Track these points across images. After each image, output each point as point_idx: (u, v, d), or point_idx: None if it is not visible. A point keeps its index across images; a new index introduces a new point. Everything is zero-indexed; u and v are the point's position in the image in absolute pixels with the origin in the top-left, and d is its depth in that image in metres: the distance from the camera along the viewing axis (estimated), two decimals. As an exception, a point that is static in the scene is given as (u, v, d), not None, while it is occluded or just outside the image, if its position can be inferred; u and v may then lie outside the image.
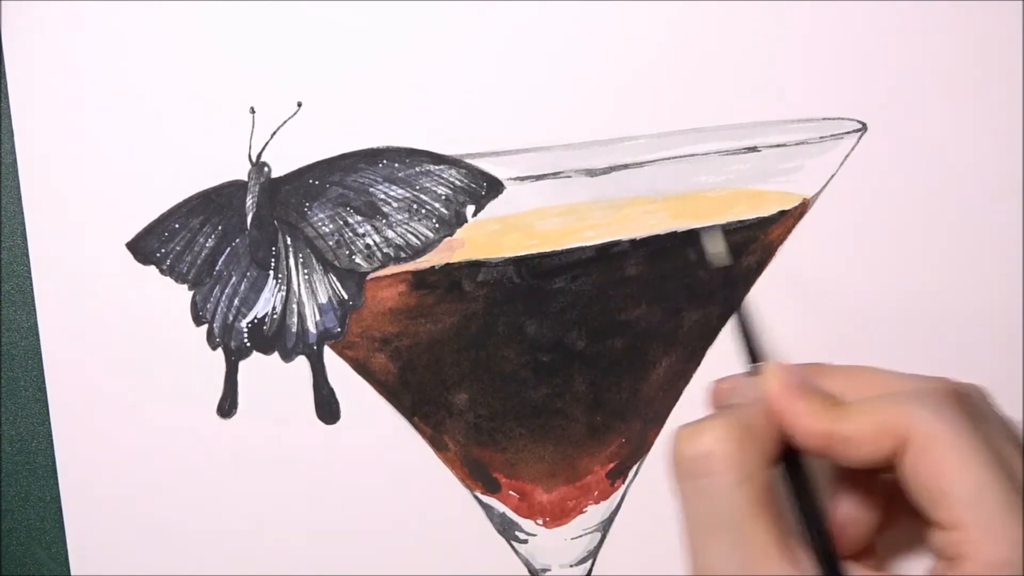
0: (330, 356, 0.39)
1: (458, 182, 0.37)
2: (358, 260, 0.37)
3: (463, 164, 0.37)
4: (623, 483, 0.40)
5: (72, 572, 0.40)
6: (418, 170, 0.37)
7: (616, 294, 0.38)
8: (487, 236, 0.37)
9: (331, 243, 0.37)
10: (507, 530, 0.40)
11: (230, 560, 0.40)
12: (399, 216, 0.37)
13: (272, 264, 0.38)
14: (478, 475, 0.40)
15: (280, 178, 0.38)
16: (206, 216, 0.38)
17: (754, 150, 0.37)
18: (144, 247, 0.39)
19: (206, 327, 0.39)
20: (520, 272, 0.37)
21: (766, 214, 0.38)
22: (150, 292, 0.39)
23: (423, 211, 0.37)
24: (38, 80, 0.38)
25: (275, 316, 0.38)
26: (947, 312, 0.41)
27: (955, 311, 0.41)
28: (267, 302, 0.38)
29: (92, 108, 0.38)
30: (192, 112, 0.38)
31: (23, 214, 0.39)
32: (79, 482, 0.40)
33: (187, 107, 0.38)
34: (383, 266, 0.37)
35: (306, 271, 0.38)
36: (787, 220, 0.39)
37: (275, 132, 0.38)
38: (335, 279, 0.38)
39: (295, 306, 0.38)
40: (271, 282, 0.38)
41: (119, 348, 0.39)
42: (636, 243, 0.37)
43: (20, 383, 0.40)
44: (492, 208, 0.37)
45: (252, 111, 0.38)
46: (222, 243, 0.38)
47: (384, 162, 0.37)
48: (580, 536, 0.40)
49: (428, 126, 0.38)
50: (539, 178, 0.37)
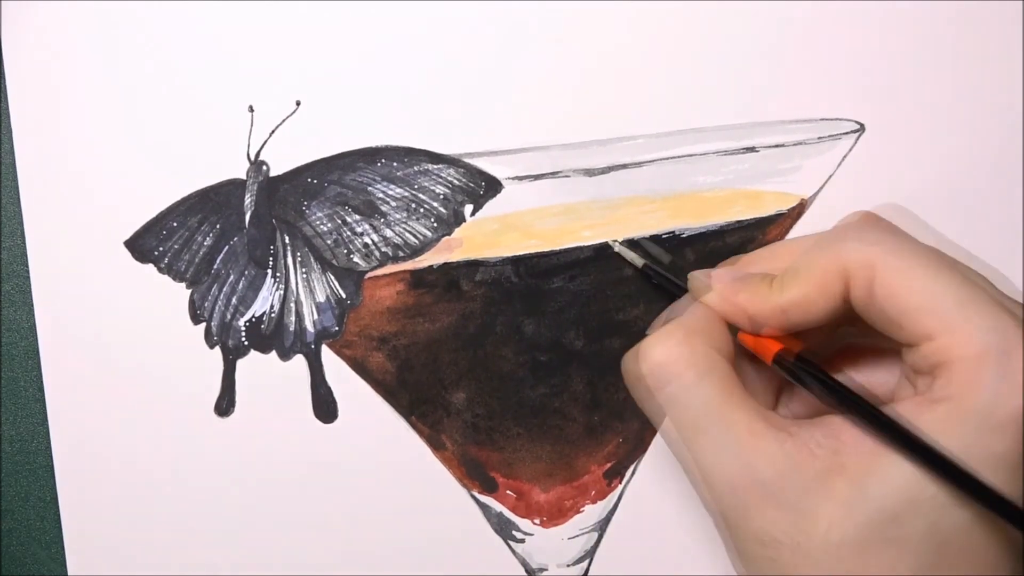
0: (328, 355, 0.39)
1: (456, 181, 0.37)
2: (356, 259, 0.37)
3: (461, 163, 0.37)
4: (620, 483, 0.40)
5: (69, 572, 0.40)
6: (416, 169, 0.37)
7: (614, 294, 0.38)
8: (485, 235, 0.37)
9: (329, 242, 0.37)
10: (504, 529, 0.40)
11: (227, 558, 0.40)
12: (397, 215, 0.37)
13: (270, 263, 0.38)
14: (475, 474, 0.40)
15: (278, 177, 0.38)
16: (204, 214, 0.38)
17: (752, 150, 0.37)
18: (142, 245, 0.38)
19: (204, 325, 0.39)
20: (518, 271, 0.37)
21: (764, 214, 0.38)
22: (148, 290, 0.39)
23: (421, 210, 0.37)
24: (37, 79, 0.38)
25: (273, 315, 0.38)
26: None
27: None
28: (265, 301, 0.38)
29: (91, 107, 0.38)
30: (191, 111, 0.38)
31: (22, 213, 0.39)
32: (76, 481, 0.40)
33: (186, 106, 0.38)
34: (381, 265, 0.37)
35: (304, 270, 0.38)
36: (785, 220, 0.39)
37: (274, 131, 0.38)
38: (333, 278, 0.38)
39: (293, 305, 0.38)
40: (269, 281, 0.38)
41: (117, 346, 0.39)
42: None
43: (20, 383, 0.40)
44: (490, 207, 0.37)
45: (251, 110, 0.38)
46: (220, 241, 0.38)
47: (382, 161, 0.37)
48: (577, 536, 0.40)
49: (426, 125, 0.38)
50: (537, 178, 0.37)
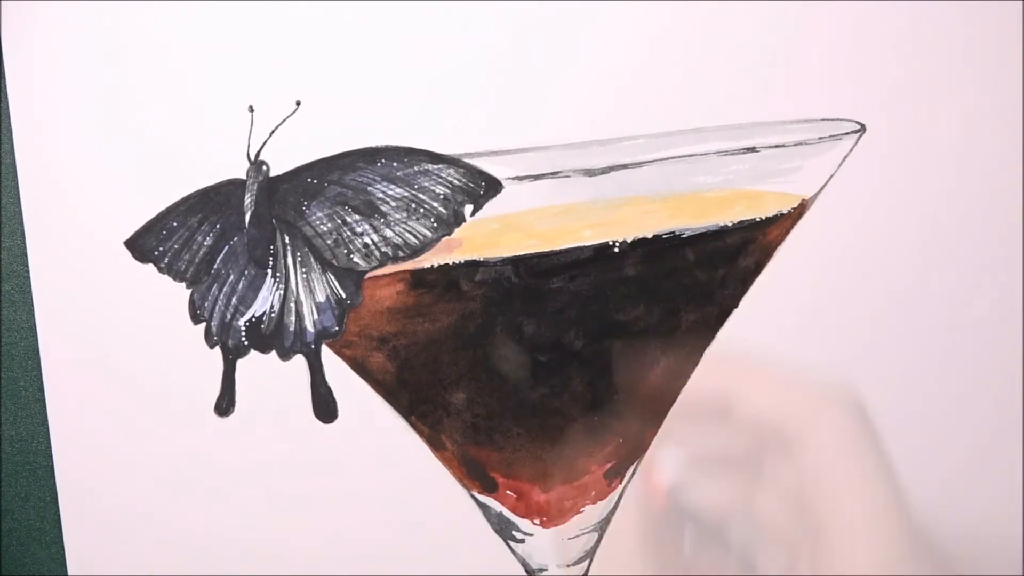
0: (328, 355, 0.39)
1: (456, 181, 0.37)
2: (356, 259, 0.37)
3: (461, 163, 0.36)
4: (620, 483, 0.40)
5: (69, 572, 0.40)
6: (416, 169, 0.37)
7: (614, 294, 0.38)
8: (485, 236, 0.37)
9: (329, 242, 0.37)
10: (504, 529, 0.40)
11: (227, 558, 0.40)
12: (397, 215, 0.37)
13: (270, 263, 0.38)
14: (475, 474, 0.40)
15: (278, 177, 0.38)
16: (204, 214, 0.38)
17: (753, 150, 0.37)
18: (142, 245, 0.38)
19: (203, 325, 0.39)
20: (518, 272, 0.37)
21: (765, 215, 0.38)
22: (148, 290, 0.39)
23: (421, 210, 0.37)
24: (37, 79, 0.38)
25: (273, 315, 0.38)
26: (946, 313, 0.41)
27: (954, 312, 0.41)
28: (265, 300, 0.38)
29: (91, 107, 0.38)
30: (191, 110, 0.38)
31: (22, 213, 0.39)
32: (76, 480, 0.40)
33: (186, 105, 0.38)
34: (381, 265, 0.37)
35: (304, 270, 0.38)
36: (785, 221, 0.39)
37: (274, 131, 0.38)
38: (333, 278, 0.38)
39: (293, 305, 0.38)
40: (269, 281, 0.38)
41: (116, 346, 0.39)
42: (634, 243, 0.37)
43: (20, 383, 0.40)
44: (490, 207, 0.37)
45: (251, 110, 0.38)
46: (220, 241, 0.38)
47: (382, 161, 0.37)
48: (577, 536, 0.40)
49: (427, 125, 0.37)
50: (537, 178, 0.37)
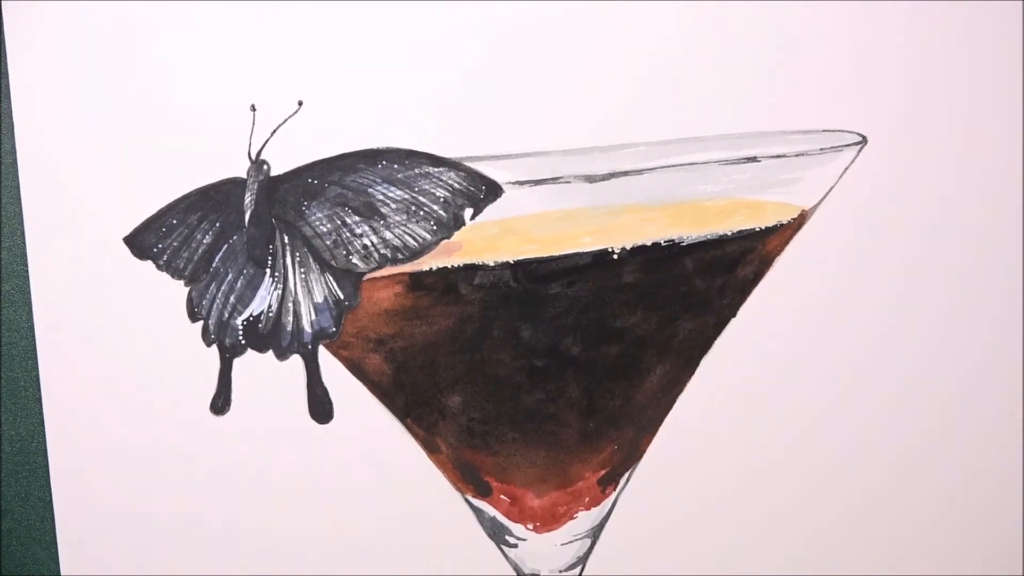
0: (324, 356, 0.39)
1: (457, 185, 0.37)
2: (355, 260, 0.37)
3: (462, 167, 0.36)
4: (614, 490, 0.40)
5: (62, 572, 0.40)
6: (417, 172, 0.37)
7: (612, 301, 0.38)
8: (484, 239, 0.37)
9: (328, 243, 0.37)
10: (497, 534, 0.40)
11: (221, 558, 0.40)
12: (397, 217, 0.37)
13: (269, 262, 0.38)
14: (469, 478, 0.40)
15: (279, 176, 0.38)
16: (204, 212, 0.38)
17: (754, 160, 0.37)
18: (141, 241, 0.38)
19: (201, 323, 0.39)
20: (516, 276, 0.37)
21: (764, 224, 0.38)
22: (146, 289, 0.39)
23: (421, 213, 0.37)
24: (39, 79, 0.38)
25: (271, 314, 0.38)
26: (945, 324, 0.41)
27: (953, 323, 0.41)
28: (263, 300, 0.38)
29: (92, 106, 0.38)
30: (193, 109, 0.38)
31: (22, 213, 0.39)
32: (71, 480, 0.40)
33: (188, 104, 0.38)
34: (380, 267, 0.37)
35: (303, 270, 0.38)
36: (785, 231, 0.39)
37: (275, 130, 0.38)
38: (331, 279, 0.38)
39: (291, 305, 0.38)
40: (267, 280, 0.38)
41: (113, 343, 0.39)
42: (633, 250, 0.37)
43: (20, 383, 0.40)
44: (490, 212, 0.37)
45: (253, 109, 0.38)
46: (219, 240, 0.38)
47: (383, 163, 0.37)
48: (570, 542, 0.40)
49: (428, 128, 0.38)
50: (538, 183, 0.37)
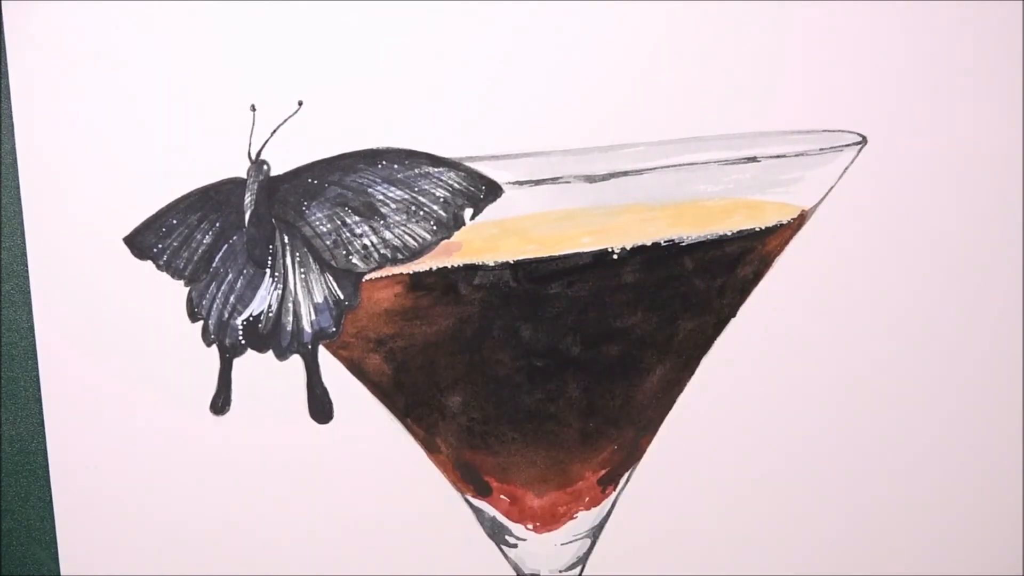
0: (324, 356, 0.39)
1: (457, 185, 0.37)
2: (355, 260, 0.37)
3: (462, 167, 0.36)
4: (614, 490, 0.40)
5: (62, 572, 0.40)
6: (417, 172, 0.37)
7: (612, 301, 0.38)
8: (484, 240, 0.37)
9: (328, 243, 0.37)
10: (497, 534, 0.40)
11: (221, 558, 0.40)
12: (397, 217, 0.37)
13: (269, 262, 0.38)
14: (469, 478, 0.40)
15: (279, 176, 0.38)
16: (204, 212, 0.38)
17: (753, 160, 0.37)
18: (141, 241, 0.38)
19: (201, 323, 0.39)
20: (516, 276, 0.37)
21: (764, 225, 0.38)
22: (146, 289, 0.39)
23: (421, 213, 0.37)
24: (39, 78, 0.38)
25: (271, 314, 0.38)
26: (946, 324, 0.41)
27: (954, 323, 0.41)
28: (263, 300, 0.38)
29: (92, 106, 0.38)
30: (193, 109, 0.38)
31: (22, 213, 0.39)
32: (71, 480, 0.40)
33: (188, 104, 0.38)
34: (380, 267, 0.37)
35: (303, 270, 0.38)
36: (785, 231, 0.39)
37: (275, 130, 0.38)
38: (331, 279, 0.38)
39: (291, 305, 0.38)
40: (267, 280, 0.38)
41: (113, 342, 0.39)
42: (633, 250, 0.37)
43: (20, 383, 0.40)
44: (490, 212, 0.37)
45: (253, 109, 0.38)
46: (219, 240, 0.38)
47: (383, 163, 0.37)
48: (570, 542, 0.40)
49: (428, 128, 0.38)
50: (538, 183, 0.37)
